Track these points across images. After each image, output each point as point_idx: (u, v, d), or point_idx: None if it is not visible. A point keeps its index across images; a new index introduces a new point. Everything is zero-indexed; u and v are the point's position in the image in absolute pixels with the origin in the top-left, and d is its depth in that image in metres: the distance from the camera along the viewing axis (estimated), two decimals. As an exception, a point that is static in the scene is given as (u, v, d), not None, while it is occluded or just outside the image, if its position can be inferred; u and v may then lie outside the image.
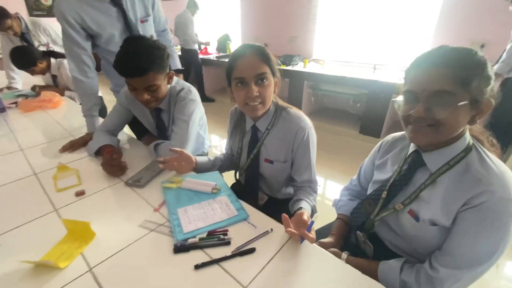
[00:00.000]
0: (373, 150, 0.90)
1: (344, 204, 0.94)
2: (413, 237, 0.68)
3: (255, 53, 0.83)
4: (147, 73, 0.95)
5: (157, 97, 1.06)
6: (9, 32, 2.17)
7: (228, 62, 0.87)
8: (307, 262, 0.64)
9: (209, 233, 0.71)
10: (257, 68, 0.82)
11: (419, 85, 0.59)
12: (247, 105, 0.87)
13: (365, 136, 2.97)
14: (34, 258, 0.63)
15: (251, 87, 0.83)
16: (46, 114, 1.68)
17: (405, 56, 3.07)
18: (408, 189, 0.70)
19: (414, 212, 0.66)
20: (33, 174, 1.01)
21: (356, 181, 0.98)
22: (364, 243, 0.79)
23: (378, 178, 0.81)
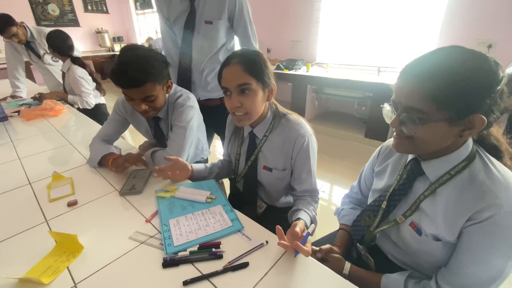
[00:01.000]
0: (372, 155, 0.86)
1: (347, 213, 0.89)
2: (416, 252, 0.63)
3: (239, 63, 0.79)
4: (144, 85, 0.93)
5: (155, 107, 1.04)
6: (14, 39, 2.20)
7: (219, 70, 0.85)
8: (303, 277, 0.60)
9: (201, 246, 0.68)
10: (239, 78, 0.79)
11: (397, 97, 0.56)
12: (234, 114, 0.85)
13: (371, 140, 2.90)
14: (22, 271, 0.61)
15: (233, 98, 0.81)
16: (47, 122, 1.68)
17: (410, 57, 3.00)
18: (408, 199, 0.65)
19: (416, 224, 0.62)
20: (27, 184, 1.00)
21: (356, 188, 0.94)
22: (365, 256, 0.74)
23: (377, 186, 0.77)
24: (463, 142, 0.57)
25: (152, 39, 5.25)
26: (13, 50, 2.36)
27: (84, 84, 2.05)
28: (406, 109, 0.53)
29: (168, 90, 1.09)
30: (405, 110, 0.54)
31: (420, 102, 0.51)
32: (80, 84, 2.02)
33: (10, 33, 2.13)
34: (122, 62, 0.92)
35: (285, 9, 3.78)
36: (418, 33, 2.90)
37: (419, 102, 0.51)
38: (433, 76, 0.50)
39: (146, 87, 0.94)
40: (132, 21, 6.77)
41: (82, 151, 1.25)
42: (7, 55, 2.37)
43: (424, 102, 0.51)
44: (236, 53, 0.83)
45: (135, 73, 0.91)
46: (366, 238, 0.73)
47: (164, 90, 1.06)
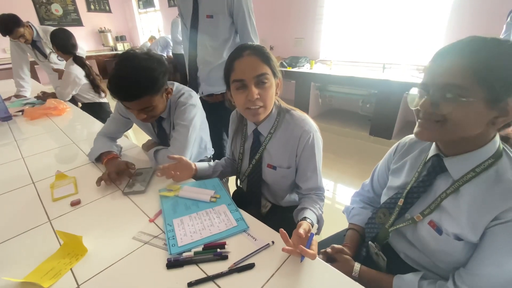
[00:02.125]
0: (388, 152, 0.83)
1: (358, 213, 0.86)
2: (434, 252, 0.60)
3: (254, 53, 0.78)
4: (140, 98, 0.92)
5: (155, 115, 1.02)
6: (21, 40, 2.20)
7: (226, 64, 0.83)
8: (311, 279, 0.58)
9: (205, 246, 0.66)
10: (257, 68, 0.77)
11: (431, 78, 0.54)
12: (248, 109, 0.82)
13: (375, 138, 2.87)
14: (25, 271, 0.60)
15: (251, 89, 0.78)
16: (51, 121, 1.68)
17: (416, 54, 2.97)
18: (428, 197, 0.63)
19: (436, 223, 0.59)
20: (31, 183, 0.99)
21: (368, 186, 0.91)
22: (376, 255, 0.72)
23: (393, 184, 0.74)
24: (492, 136, 0.55)
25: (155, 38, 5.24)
26: (19, 50, 2.36)
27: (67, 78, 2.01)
28: (444, 86, 0.51)
29: (168, 96, 1.06)
30: (441, 88, 0.51)
31: (460, 77, 0.49)
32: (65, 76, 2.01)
33: (17, 34, 2.13)
34: (117, 75, 0.89)
35: (287, 6, 3.75)
36: (424, 28, 2.85)
37: (458, 77, 0.49)
38: (475, 49, 0.49)
39: (143, 100, 0.93)
40: (134, 20, 6.77)
41: (85, 150, 1.24)
42: (13, 54, 2.37)
43: (464, 76, 0.49)
44: (245, 45, 0.81)
45: (130, 88, 0.88)
46: (380, 235, 0.71)
47: (164, 98, 1.03)
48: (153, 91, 0.94)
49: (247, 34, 1.48)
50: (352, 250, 0.77)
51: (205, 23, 1.45)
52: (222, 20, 1.43)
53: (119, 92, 0.90)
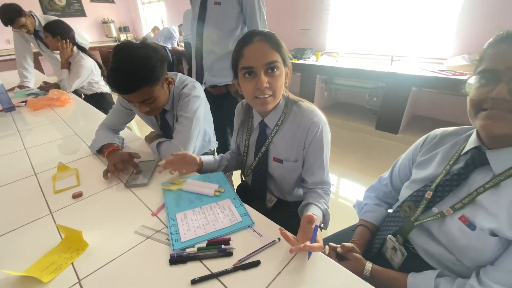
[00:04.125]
0: (414, 145, 0.79)
1: (371, 210, 0.83)
2: (462, 248, 0.57)
3: (264, 40, 0.74)
4: (139, 90, 0.89)
5: (157, 107, 1.00)
6: (23, 30, 2.18)
7: (234, 51, 0.79)
8: (319, 278, 0.56)
9: (209, 242, 0.64)
10: (267, 56, 0.74)
11: (501, 63, 0.49)
12: (257, 98, 0.78)
13: (381, 132, 2.81)
14: (25, 265, 0.59)
15: (261, 77, 0.74)
16: (54, 112, 1.66)
17: (426, 45, 2.88)
18: (461, 191, 0.60)
19: (469, 218, 0.56)
20: (33, 174, 0.98)
21: (387, 180, 0.86)
22: (393, 250, 0.69)
23: (419, 176, 0.70)
24: None
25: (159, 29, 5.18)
26: (22, 40, 2.34)
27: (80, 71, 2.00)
28: None
29: (170, 86, 1.03)
30: None
31: None
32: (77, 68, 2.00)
33: (19, 24, 2.10)
34: (114, 69, 0.87)
35: (294, -4, 3.65)
36: (435, 20, 2.76)
37: None
38: None
39: (142, 92, 0.90)
40: (138, 11, 6.68)
41: (87, 141, 1.22)
42: (16, 45, 2.35)
43: None
44: (256, 31, 0.77)
45: (128, 80, 0.86)
46: (404, 229, 0.67)
47: (165, 88, 1.00)
48: (151, 81, 0.90)
49: (255, 24, 1.44)
50: (361, 248, 0.75)
51: (212, 11, 1.42)
52: (230, 8, 1.40)
53: (117, 85, 0.87)
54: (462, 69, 2.38)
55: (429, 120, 2.96)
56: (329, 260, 0.60)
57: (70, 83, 2.01)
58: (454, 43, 2.65)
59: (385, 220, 0.76)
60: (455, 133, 0.69)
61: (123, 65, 0.86)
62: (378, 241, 0.74)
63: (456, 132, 0.69)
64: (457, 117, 2.83)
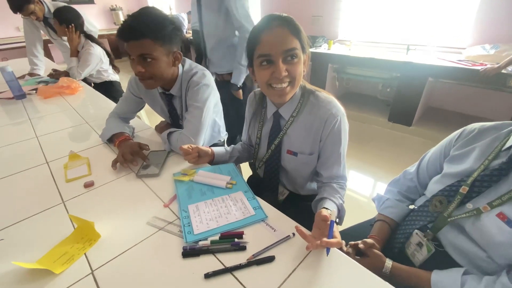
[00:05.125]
0: (447, 138, 0.75)
1: (393, 205, 0.79)
2: (497, 245, 0.55)
3: (283, 25, 0.69)
4: (143, 39, 0.86)
5: (153, 73, 0.93)
6: (32, 17, 2.16)
7: (250, 37, 0.74)
8: (336, 275, 0.54)
9: (222, 235, 0.63)
10: (287, 43, 0.69)
11: None
12: (272, 88, 0.74)
13: (394, 124, 2.74)
14: (38, 255, 0.59)
15: (279, 65, 0.70)
16: (64, 100, 1.66)
17: (444, 34, 2.74)
18: (500, 188, 0.57)
19: (507, 216, 0.54)
20: (45, 163, 0.98)
21: (413, 174, 0.82)
22: (417, 246, 0.67)
23: (452, 170, 0.67)
24: None
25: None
26: (32, 27, 2.33)
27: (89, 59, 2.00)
28: None
29: (176, 62, 0.99)
30: None
31: None
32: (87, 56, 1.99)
33: (28, 11, 2.08)
34: (129, 15, 0.87)
35: (306, -19, 3.51)
36: (453, 7, 2.61)
37: None
38: None
39: (144, 43, 0.86)
40: (146, -3, 6.58)
41: (98, 130, 1.22)
42: (26, 32, 2.34)
43: None
44: (274, 15, 0.72)
45: (134, 23, 0.85)
46: (437, 224, 0.65)
47: (170, 60, 0.96)
48: (156, 36, 0.87)
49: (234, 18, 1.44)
50: (380, 244, 0.72)
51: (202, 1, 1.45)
52: None
53: (124, 29, 0.86)
54: (482, 59, 2.26)
55: (445, 112, 2.85)
56: (346, 257, 0.58)
57: (79, 71, 2.00)
58: (473, 32, 2.51)
59: (411, 214, 0.73)
60: (494, 128, 0.65)
61: (138, 13, 0.88)
62: (402, 235, 0.71)
63: (495, 127, 0.65)
64: (475, 109, 2.72)
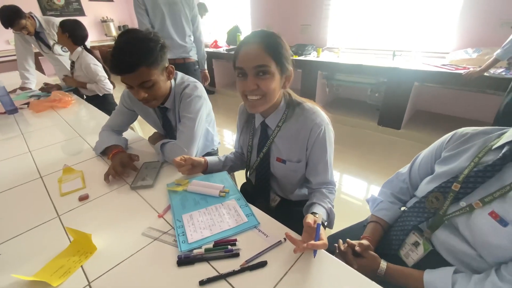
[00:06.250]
0: (438, 141, 0.77)
1: (386, 207, 0.82)
2: (489, 244, 0.56)
3: (259, 42, 0.73)
4: (138, 69, 0.88)
5: (155, 95, 0.97)
6: (23, 32, 2.18)
7: (235, 49, 0.79)
8: (326, 277, 0.56)
9: (216, 243, 0.65)
10: (258, 59, 0.72)
11: None
12: (246, 98, 0.79)
13: (384, 128, 2.81)
14: (34, 269, 0.60)
15: (249, 79, 0.74)
16: (57, 114, 1.67)
17: (428, 40, 2.85)
18: (493, 185, 0.58)
19: (499, 214, 0.55)
20: (39, 177, 0.99)
21: (405, 175, 0.84)
22: (413, 245, 0.69)
23: (443, 170, 0.69)
24: None
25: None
26: (23, 41, 2.34)
27: (100, 70, 2.00)
28: None
29: (170, 76, 1.02)
30: None
31: None
32: (96, 69, 1.97)
33: (19, 26, 2.10)
34: (116, 48, 0.88)
35: (294, -8, 3.62)
36: (437, 13, 2.73)
37: None
38: None
39: (141, 72, 0.89)
40: (137, 9, 6.64)
41: (91, 143, 1.23)
42: (17, 46, 2.35)
43: None
44: (256, 33, 0.76)
45: (127, 57, 0.86)
46: (435, 223, 0.66)
47: (165, 77, 0.99)
48: (150, 62, 0.90)
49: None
50: (373, 244, 0.74)
51: None
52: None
53: (116, 64, 0.87)
54: (465, 63, 2.36)
55: (431, 115, 2.94)
56: (335, 259, 0.61)
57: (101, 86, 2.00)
58: (456, 37, 2.62)
59: (407, 211, 0.75)
60: (485, 132, 0.68)
61: (125, 45, 0.88)
62: (401, 232, 0.73)
63: (486, 131, 0.68)
64: (460, 111, 2.81)
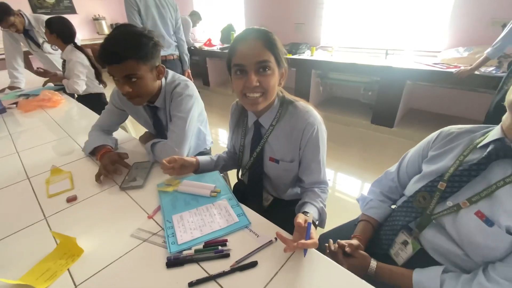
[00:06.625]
0: (425, 140, 0.77)
1: (376, 206, 0.82)
2: (475, 244, 0.56)
3: (258, 38, 0.73)
4: (126, 61, 0.86)
5: (140, 92, 0.94)
6: (11, 29, 2.13)
7: (229, 47, 0.77)
8: (316, 276, 0.56)
9: (206, 244, 0.64)
10: (259, 55, 0.72)
11: None
12: (246, 97, 0.77)
13: (377, 126, 2.83)
14: (20, 272, 0.59)
15: (251, 76, 0.73)
16: (46, 113, 1.64)
17: (420, 39, 2.88)
18: (479, 184, 0.58)
19: (485, 214, 0.55)
20: (26, 179, 0.97)
21: (393, 174, 0.84)
22: (402, 244, 0.69)
23: (430, 169, 0.69)
24: None
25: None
26: (12, 40, 2.29)
27: (78, 68, 1.92)
28: None
29: (160, 76, 1.00)
30: None
31: None
32: (74, 67, 1.91)
33: (8, 23, 2.05)
34: (108, 38, 0.87)
35: (288, -10, 3.61)
36: (428, 12, 2.75)
37: None
38: None
39: (127, 64, 0.87)
40: (129, 7, 6.55)
41: (81, 143, 1.21)
42: (5, 45, 2.30)
43: None
44: (251, 29, 0.75)
45: (115, 48, 0.85)
46: (422, 222, 0.66)
47: (153, 75, 0.97)
48: (138, 56, 0.88)
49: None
50: (363, 243, 0.75)
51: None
52: None
53: (105, 53, 0.86)
54: (456, 61, 2.39)
55: (424, 113, 2.97)
56: (326, 258, 0.61)
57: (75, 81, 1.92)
58: (447, 36, 2.65)
59: (395, 211, 0.75)
60: (471, 131, 0.68)
61: (117, 36, 0.87)
62: (391, 232, 0.73)
63: (472, 129, 0.68)
64: (452, 109, 2.85)
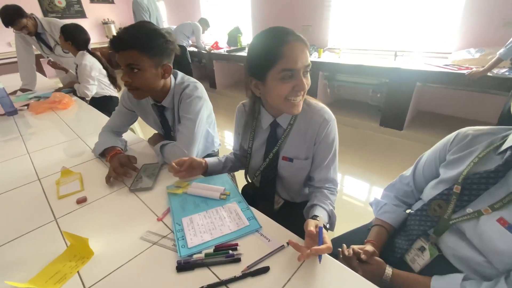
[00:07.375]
0: (441, 142, 0.75)
1: (390, 210, 0.79)
2: (498, 251, 0.54)
3: (303, 41, 0.72)
4: (130, 49, 0.88)
5: (139, 84, 0.94)
6: (24, 31, 2.17)
7: (267, 51, 0.70)
8: (330, 283, 0.54)
9: (216, 248, 0.63)
10: (307, 59, 0.72)
11: None
12: (288, 100, 0.75)
13: (386, 129, 2.78)
14: (29, 275, 0.58)
15: (301, 79, 0.72)
16: (56, 115, 1.66)
17: (430, 40, 2.83)
18: (499, 191, 0.56)
19: (508, 221, 0.53)
20: (36, 180, 0.97)
21: (409, 178, 0.82)
22: (418, 250, 0.67)
23: (448, 175, 0.66)
24: None
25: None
26: (24, 43, 2.33)
27: (88, 71, 1.96)
28: None
29: (165, 75, 1.00)
30: None
31: None
32: (85, 70, 1.95)
33: (20, 25, 2.09)
34: (124, 27, 0.91)
35: (295, -8, 3.61)
36: (439, 13, 2.71)
37: None
38: None
39: (131, 53, 0.89)
40: (138, 11, 6.65)
41: (90, 145, 1.21)
42: (18, 48, 2.34)
43: None
44: (294, 33, 0.72)
45: (124, 35, 0.88)
46: (440, 228, 0.64)
47: (158, 72, 0.96)
48: (143, 48, 0.89)
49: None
50: (378, 248, 0.72)
51: None
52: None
53: (114, 39, 0.89)
54: (468, 63, 2.34)
55: (434, 115, 2.92)
56: (339, 264, 0.59)
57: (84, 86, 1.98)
58: (458, 37, 2.60)
59: (410, 220, 0.73)
60: (490, 133, 0.65)
61: (131, 26, 0.91)
62: (406, 242, 0.71)
63: (491, 132, 0.65)
64: (463, 112, 2.78)
